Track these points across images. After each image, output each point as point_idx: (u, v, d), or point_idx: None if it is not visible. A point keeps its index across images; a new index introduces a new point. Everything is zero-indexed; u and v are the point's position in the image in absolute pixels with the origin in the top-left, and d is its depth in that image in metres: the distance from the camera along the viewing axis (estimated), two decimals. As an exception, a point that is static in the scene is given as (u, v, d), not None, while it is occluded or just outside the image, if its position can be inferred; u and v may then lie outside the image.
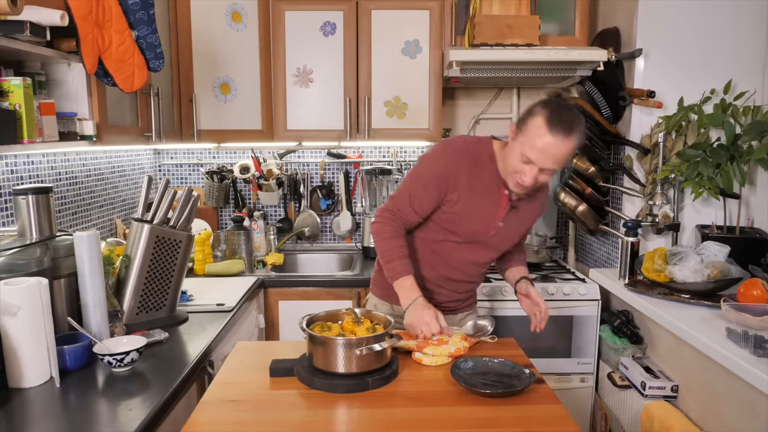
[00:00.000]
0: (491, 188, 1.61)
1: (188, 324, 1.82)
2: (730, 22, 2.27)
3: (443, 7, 2.55)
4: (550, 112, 1.44)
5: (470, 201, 1.60)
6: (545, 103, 1.48)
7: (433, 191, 1.59)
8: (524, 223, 1.74)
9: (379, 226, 1.62)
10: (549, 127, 1.42)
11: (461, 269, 1.73)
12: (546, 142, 1.43)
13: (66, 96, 1.71)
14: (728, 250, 1.99)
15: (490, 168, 1.61)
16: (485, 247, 1.70)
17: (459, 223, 1.63)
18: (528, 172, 1.48)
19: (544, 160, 1.45)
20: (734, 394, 1.63)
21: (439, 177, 1.59)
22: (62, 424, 1.17)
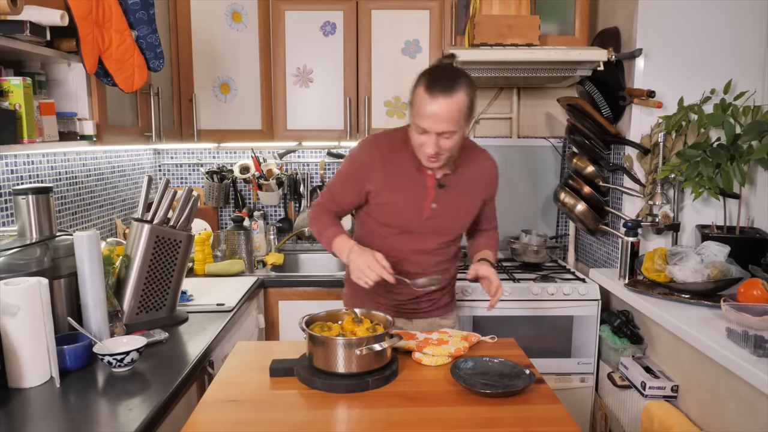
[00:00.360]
0: (411, 172, 1.63)
1: (188, 324, 1.82)
2: (730, 22, 2.27)
3: (443, 7, 2.55)
4: (427, 78, 1.46)
5: (391, 188, 1.63)
6: (424, 71, 1.50)
7: (349, 185, 1.67)
8: (467, 200, 1.69)
9: (309, 218, 1.74)
10: (429, 92, 1.44)
11: (412, 260, 1.70)
12: (431, 108, 1.44)
13: (66, 96, 1.71)
14: (728, 250, 1.99)
15: (405, 152, 1.62)
16: (426, 233, 1.67)
17: (389, 213, 1.65)
18: (427, 141, 1.50)
19: (435, 125, 1.46)
20: (734, 394, 1.63)
21: (354, 170, 1.66)
22: (62, 424, 1.17)
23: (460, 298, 2.40)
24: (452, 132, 1.48)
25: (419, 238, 1.68)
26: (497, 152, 2.98)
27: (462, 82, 1.47)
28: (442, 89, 1.44)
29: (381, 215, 1.67)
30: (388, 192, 1.64)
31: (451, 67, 1.52)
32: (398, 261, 1.69)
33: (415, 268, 1.71)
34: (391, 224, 1.67)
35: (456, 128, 1.48)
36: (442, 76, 1.46)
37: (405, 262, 1.70)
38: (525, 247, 2.74)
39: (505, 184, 2.99)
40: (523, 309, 2.40)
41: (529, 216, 3.02)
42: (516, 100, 2.97)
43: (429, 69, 1.52)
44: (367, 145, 1.67)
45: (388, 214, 1.66)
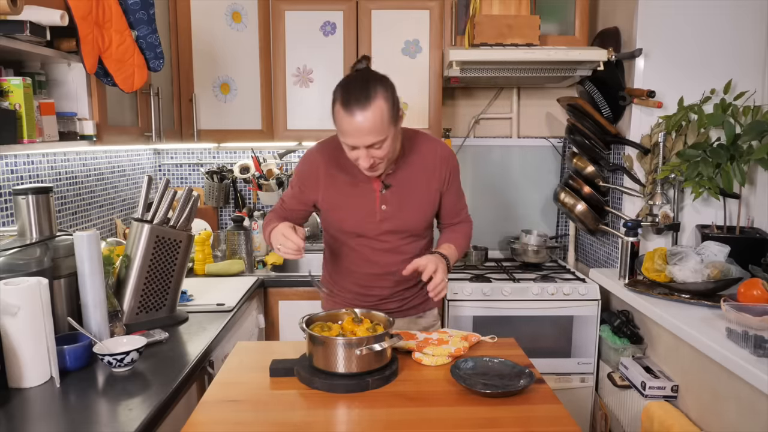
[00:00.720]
0: (356, 175, 1.59)
1: (188, 324, 1.82)
2: (730, 22, 2.27)
3: (443, 7, 2.55)
4: (342, 93, 1.41)
5: (336, 193, 1.62)
6: (337, 86, 1.45)
7: (297, 191, 1.68)
8: (417, 193, 1.63)
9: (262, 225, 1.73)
10: (345, 109, 1.39)
11: (378, 261, 1.67)
12: (352, 126, 1.40)
13: (66, 96, 1.71)
14: (728, 250, 1.99)
15: (344, 156, 1.56)
16: (383, 234, 1.63)
17: (341, 220, 1.64)
18: (359, 155, 1.46)
19: (361, 139, 1.42)
20: (734, 394, 1.63)
21: (300, 179, 1.67)
22: (62, 424, 1.17)
23: (460, 298, 2.40)
24: (381, 141, 1.44)
25: (378, 240, 1.65)
26: (497, 152, 2.99)
27: (376, 88, 1.41)
28: (357, 103, 1.39)
29: (335, 222, 1.67)
30: (334, 199, 1.63)
31: (362, 75, 1.46)
32: (364, 263, 1.68)
33: (382, 268, 1.68)
34: (346, 230, 1.66)
35: (384, 136, 1.43)
36: (354, 88, 1.41)
37: (371, 263, 1.68)
38: (525, 247, 2.74)
39: (505, 184, 2.99)
40: (523, 309, 2.40)
41: (529, 216, 3.02)
42: (516, 100, 2.97)
43: (342, 83, 1.46)
44: (309, 155, 1.66)
45: (341, 221, 1.65)
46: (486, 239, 2.98)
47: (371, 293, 1.73)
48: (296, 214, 1.71)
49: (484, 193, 3.00)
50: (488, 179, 3.00)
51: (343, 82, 1.47)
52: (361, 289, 1.73)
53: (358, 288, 1.72)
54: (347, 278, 1.73)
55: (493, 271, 2.66)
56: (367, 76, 1.46)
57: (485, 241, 2.96)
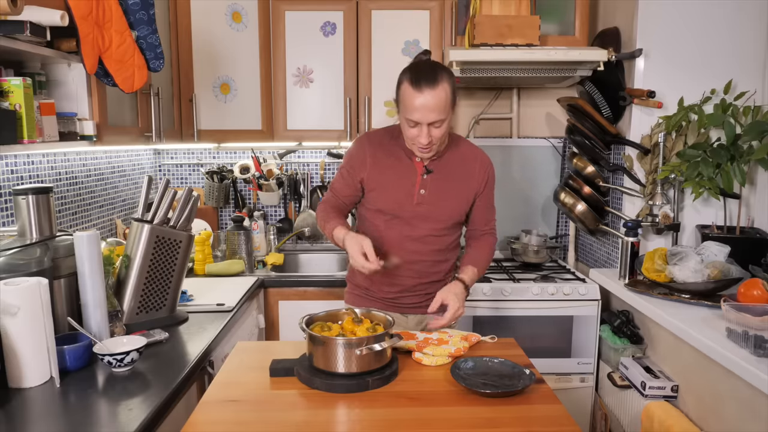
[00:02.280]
0: (400, 159, 1.72)
1: (188, 324, 1.82)
2: (730, 22, 2.27)
3: (443, 7, 2.55)
4: (410, 74, 1.56)
5: (381, 173, 1.72)
6: (405, 68, 1.61)
7: (345, 177, 1.77)
8: (455, 186, 1.73)
9: (317, 215, 1.81)
10: (414, 87, 1.54)
11: (406, 248, 1.74)
12: (419, 102, 1.54)
13: (66, 96, 1.71)
14: (728, 250, 1.99)
15: (396, 143, 1.73)
16: (416, 219, 1.72)
17: (380, 199, 1.73)
18: (419, 133, 1.58)
19: (426, 116, 1.55)
20: (734, 394, 1.63)
21: (348, 163, 1.77)
22: (62, 424, 1.17)
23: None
24: (442, 120, 1.57)
25: (410, 225, 1.73)
26: (497, 152, 2.99)
27: (443, 72, 1.57)
28: (427, 82, 1.53)
29: (373, 202, 1.75)
30: (378, 178, 1.72)
31: (430, 62, 1.64)
32: (392, 249, 1.74)
33: (410, 256, 1.75)
34: (383, 210, 1.74)
35: (445, 116, 1.57)
36: (424, 70, 1.57)
37: (399, 250, 1.74)
38: (525, 247, 2.74)
39: (505, 184, 2.99)
40: (523, 309, 2.40)
41: (529, 216, 3.02)
42: (516, 100, 2.97)
43: (410, 66, 1.62)
44: (358, 140, 1.80)
45: (379, 200, 1.74)
46: (486, 239, 2.98)
47: (396, 282, 1.78)
48: (347, 199, 1.80)
49: (484, 193, 3.00)
50: (488, 179, 3.00)
51: (412, 65, 1.62)
52: (387, 278, 1.77)
53: (384, 276, 1.75)
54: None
55: (493, 271, 2.66)
56: (434, 63, 1.64)
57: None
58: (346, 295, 1.92)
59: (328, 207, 1.80)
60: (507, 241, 2.92)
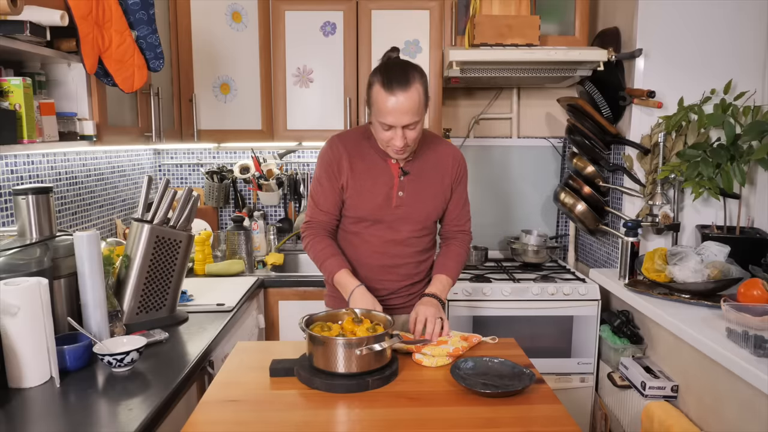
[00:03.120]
0: (376, 162, 1.68)
1: (188, 324, 1.82)
2: (730, 22, 2.27)
3: (443, 7, 2.55)
4: (381, 75, 1.51)
5: (359, 178, 1.67)
6: (375, 70, 1.56)
7: (326, 184, 1.69)
8: (431, 185, 1.71)
9: (304, 240, 1.73)
10: (386, 89, 1.49)
11: (388, 252, 1.72)
12: (392, 105, 1.49)
13: (66, 96, 1.71)
14: (728, 250, 1.99)
15: (369, 144, 1.69)
16: (398, 221, 1.70)
17: (359, 205, 1.69)
18: (393, 135, 1.55)
19: (399, 119, 1.51)
20: (734, 394, 1.63)
21: (326, 168, 1.69)
22: (62, 424, 1.17)
23: (460, 298, 2.41)
24: (416, 122, 1.54)
25: (392, 229, 1.71)
26: (497, 152, 2.99)
27: (414, 72, 1.53)
28: (399, 84, 1.49)
29: (352, 208, 1.70)
30: (356, 183, 1.67)
31: (400, 61, 1.58)
32: (375, 254, 1.72)
33: (394, 260, 1.73)
34: (363, 217, 1.70)
35: (419, 117, 1.54)
36: (395, 71, 1.52)
37: (382, 255, 1.73)
38: (525, 247, 2.74)
39: (505, 184, 2.99)
40: (523, 309, 2.40)
41: (529, 216, 3.02)
42: (516, 100, 2.97)
43: (380, 67, 1.57)
44: (330, 143, 1.72)
45: (358, 206, 1.69)
46: (486, 239, 2.98)
47: (380, 287, 1.75)
48: (332, 211, 1.72)
49: (484, 193, 3.00)
50: (488, 179, 3.00)
51: (382, 67, 1.56)
52: (371, 283, 1.73)
53: (368, 282, 1.72)
54: (357, 271, 1.73)
55: (493, 271, 2.66)
56: (405, 63, 1.58)
57: (485, 241, 2.96)
58: (327, 298, 1.86)
59: (317, 232, 1.71)
60: (507, 241, 2.92)
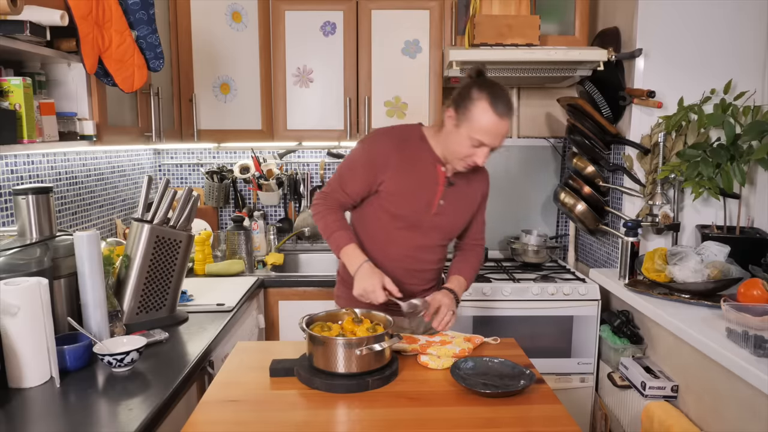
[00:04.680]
0: (426, 165, 1.66)
1: (188, 324, 1.82)
2: (730, 22, 2.27)
3: (443, 7, 2.55)
4: (489, 95, 1.50)
5: (405, 178, 1.65)
6: (480, 85, 1.53)
7: (362, 174, 1.66)
8: (469, 202, 1.75)
9: (316, 208, 1.71)
10: (494, 110, 1.49)
11: (414, 256, 1.73)
12: (495, 126, 1.51)
13: (66, 96, 1.71)
14: (728, 250, 1.99)
15: (422, 146, 1.67)
16: (431, 228, 1.71)
17: (399, 204, 1.67)
18: (480, 153, 1.56)
19: (495, 141, 1.54)
20: (734, 394, 1.63)
21: (367, 159, 1.66)
22: (62, 424, 1.17)
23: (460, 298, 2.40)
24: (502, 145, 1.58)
25: (424, 234, 1.71)
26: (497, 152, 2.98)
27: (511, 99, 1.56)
28: (506, 109, 1.50)
29: (392, 206, 1.67)
30: (401, 180, 1.65)
31: (499, 85, 1.56)
32: (404, 258, 1.72)
33: (418, 265, 1.74)
34: (400, 216, 1.68)
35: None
36: (501, 95, 1.51)
37: (410, 259, 1.73)
38: (525, 247, 2.74)
39: (505, 184, 2.99)
40: (523, 309, 2.40)
41: (529, 216, 3.02)
42: (516, 100, 2.97)
43: (484, 86, 1.53)
44: (381, 137, 1.69)
45: (399, 206, 1.67)
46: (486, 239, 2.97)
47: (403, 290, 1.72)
48: (357, 197, 1.70)
49: (484, 193, 3.00)
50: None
51: (488, 86, 1.53)
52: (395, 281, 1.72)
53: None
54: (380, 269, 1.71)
55: (493, 271, 2.66)
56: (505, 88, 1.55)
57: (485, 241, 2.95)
58: (338, 298, 1.85)
59: (331, 205, 1.70)
60: (507, 241, 2.92)
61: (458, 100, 1.55)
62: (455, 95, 1.57)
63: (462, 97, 1.54)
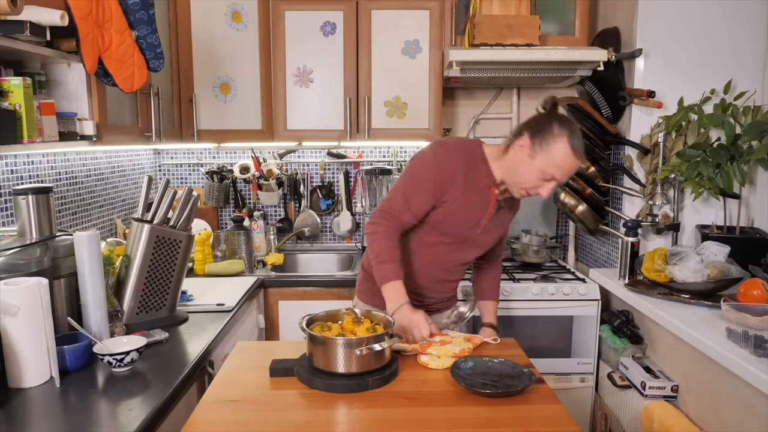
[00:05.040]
0: (483, 188, 1.65)
1: (188, 324, 1.82)
2: (730, 22, 2.27)
3: (443, 7, 2.55)
4: (569, 132, 1.51)
5: (464, 200, 1.62)
6: (560, 121, 1.52)
7: (430, 190, 1.60)
8: (504, 222, 1.77)
9: (374, 227, 1.62)
10: (573, 148, 1.50)
11: (450, 270, 1.76)
12: (570, 165, 1.53)
13: (66, 96, 1.71)
14: (728, 250, 1.99)
15: (482, 168, 1.64)
16: (473, 245, 1.72)
17: (452, 223, 1.65)
18: (548, 187, 1.57)
19: (564, 177, 1.56)
20: (734, 394, 1.63)
21: (436, 174, 1.59)
22: (62, 424, 1.17)
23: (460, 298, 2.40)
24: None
25: (464, 251, 1.72)
26: (497, 152, 2.98)
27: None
28: (581, 147, 1.53)
29: (445, 223, 1.65)
30: (461, 202, 1.62)
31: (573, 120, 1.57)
32: (442, 270, 1.74)
33: (447, 275, 1.77)
34: (450, 233, 1.67)
35: None
36: (577, 132, 1.53)
37: (448, 272, 1.76)
38: (525, 247, 2.74)
39: (505, 184, 2.98)
40: (523, 309, 2.40)
41: (529, 216, 3.02)
42: (516, 100, 2.97)
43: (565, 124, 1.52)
44: (449, 152, 1.62)
45: (452, 224, 1.65)
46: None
47: (430, 295, 1.79)
48: (421, 216, 1.64)
49: (484, 193, 3.00)
50: (488, 179, 3.00)
51: (565, 122, 1.53)
52: (424, 291, 1.77)
53: (421, 289, 1.76)
54: (416, 279, 1.75)
55: (493, 271, 2.66)
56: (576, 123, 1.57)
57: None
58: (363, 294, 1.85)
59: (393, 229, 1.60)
60: (507, 241, 2.92)
61: (536, 131, 1.53)
62: (532, 125, 1.55)
63: (541, 129, 1.52)
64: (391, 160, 3.00)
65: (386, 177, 2.86)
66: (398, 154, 3.00)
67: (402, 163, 3.00)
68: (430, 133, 2.64)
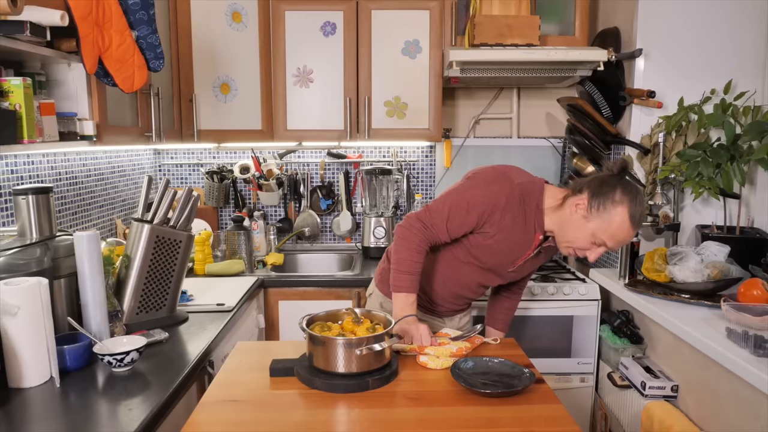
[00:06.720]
0: (529, 231, 1.59)
1: (188, 324, 1.82)
2: (730, 22, 2.27)
3: (443, 7, 2.55)
4: (630, 202, 1.44)
5: (507, 239, 1.58)
6: (624, 188, 1.45)
7: (474, 217, 1.55)
8: (538, 263, 1.74)
9: (407, 233, 1.58)
10: (632, 220, 1.44)
11: (471, 289, 1.76)
12: (626, 236, 1.47)
13: (66, 96, 1.71)
14: (728, 250, 1.99)
15: (534, 213, 1.57)
16: (499, 276, 1.72)
17: (489, 254, 1.63)
18: (596, 251, 1.50)
19: (617, 246, 1.50)
20: (734, 394, 1.63)
21: (486, 205, 1.54)
22: (62, 424, 1.17)
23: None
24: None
25: (491, 279, 1.73)
26: (497, 152, 2.99)
27: None
28: (641, 220, 1.47)
29: (480, 251, 1.63)
30: (503, 240, 1.58)
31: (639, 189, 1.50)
32: (465, 288, 1.75)
33: (467, 292, 1.78)
34: (483, 261, 1.65)
35: None
36: (640, 203, 1.46)
37: (470, 291, 1.77)
38: (525, 247, 2.73)
39: (505, 184, 2.99)
40: (523, 309, 2.40)
41: (529, 216, 3.02)
42: (516, 100, 2.97)
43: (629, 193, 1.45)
44: (507, 187, 1.55)
45: (489, 255, 1.63)
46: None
47: (445, 306, 1.81)
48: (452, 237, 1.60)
49: (484, 193, 3.00)
50: (488, 179, 3.00)
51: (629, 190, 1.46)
52: (438, 300, 1.79)
53: (436, 298, 1.78)
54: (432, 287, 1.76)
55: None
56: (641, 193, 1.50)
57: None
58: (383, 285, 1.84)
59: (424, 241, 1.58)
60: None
61: (597, 193, 1.46)
62: (593, 186, 1.47)
63: (603, 192, 1.45)
64: (391, 160, 3.00)
65: (386, 177, 2.86)
66: (398, 154, 3.00)
67: (402, 163, 3.00)
68: (430, 133, 2.64)
